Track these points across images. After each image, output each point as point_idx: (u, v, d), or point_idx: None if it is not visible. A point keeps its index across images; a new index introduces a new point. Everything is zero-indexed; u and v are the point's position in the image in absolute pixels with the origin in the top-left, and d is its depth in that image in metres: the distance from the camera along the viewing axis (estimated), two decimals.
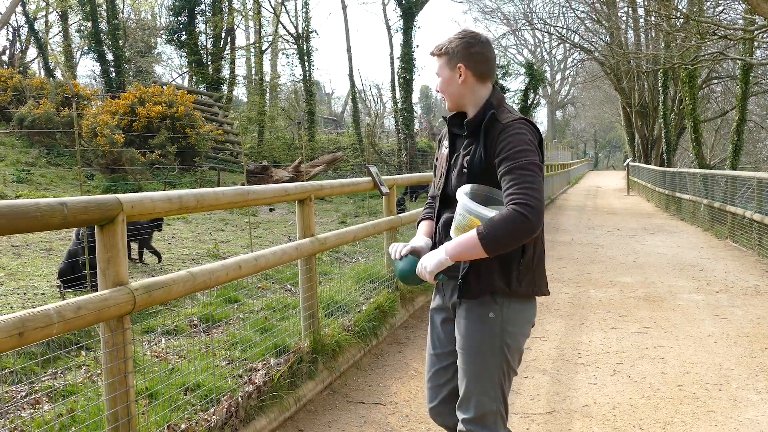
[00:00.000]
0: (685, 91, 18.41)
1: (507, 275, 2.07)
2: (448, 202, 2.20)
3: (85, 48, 25.88)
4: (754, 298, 6.36)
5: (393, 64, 25.70)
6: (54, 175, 13.06)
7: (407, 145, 24.19)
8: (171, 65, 38.90)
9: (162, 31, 29.69)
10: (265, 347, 3.76)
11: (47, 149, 14.63)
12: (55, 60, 27.03)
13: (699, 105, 20.71)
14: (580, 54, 30.89)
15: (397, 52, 24.48)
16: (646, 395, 3.79)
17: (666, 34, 16.65)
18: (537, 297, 2.19)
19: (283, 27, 28.49)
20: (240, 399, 3.14)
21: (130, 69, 25.51)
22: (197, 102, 18.30)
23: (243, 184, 12.76)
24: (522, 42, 49.84)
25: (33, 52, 28.13)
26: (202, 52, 24.97)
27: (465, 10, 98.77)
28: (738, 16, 16.89)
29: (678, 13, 14.49)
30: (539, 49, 53.16)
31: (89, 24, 22.25)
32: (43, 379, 3.38)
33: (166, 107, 14.87)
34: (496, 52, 2.22)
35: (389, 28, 27.24)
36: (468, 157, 2.12)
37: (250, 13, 29.04)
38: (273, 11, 28.35)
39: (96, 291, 2.31)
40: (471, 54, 2.11)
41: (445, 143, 2.27)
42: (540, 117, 61.91)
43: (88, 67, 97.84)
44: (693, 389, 3.87)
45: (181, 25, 24.63)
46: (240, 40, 43.70)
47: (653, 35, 23.29)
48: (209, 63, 24.93)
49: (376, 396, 3.88)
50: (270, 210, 12.72)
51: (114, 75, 22.43)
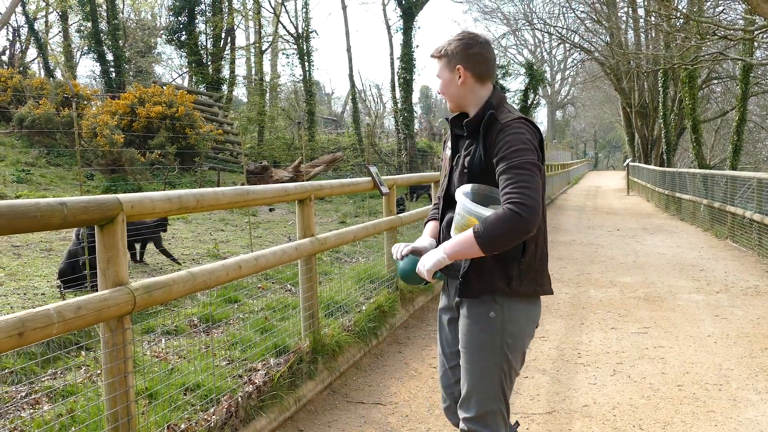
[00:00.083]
0: (685, 92, 18.42)
1: (507, 274, 2.07)
2: (451, 202, 2.21)
3: (85, 48, 25.89)
4: (754, 298, 6.36)
5: (393, 64, 25.71)
6: (54, 176, 13.07)
7: (407, 145, 24.19)
8: (171, 65, 38.96)
9: (162, 31, 29.70)
10: (265, 347, 3.77)
11: (47, 149, 14.63)
12: (55, 60, 27.03)
13: (699, 105, 20.72)
14: (580, 54, 30.91)
15: (397, 52, 24.50)
16: (646, 395, 3.79)
17: (666, 34, 16.66)
18: (541, 297, 2.19)
19: (283, 27, 28.51)
20: (240, 399, 3.14)
21: (130, 69, 25.52)
22: (197, 102, 18.30)
23: (243, 184, 12.77)
24: (522, 42, 49.89)
25: (33, 52, 28.20)
26: (202, 52, 24.98)
27: (465, 10, 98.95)
28: (738, 16, 16.91)
29: (678, 14, 14.50)
30: (539, 49, 53.22)
31: (89, 24, 22.26)
32: (43, 380, 3.38)
33: (165, 107, 14.87)
34: (496, 52, 2.23)
35: (389, 28, 27.26)
36: (468, 158, 2.13)
37: (250, 13, 29.06)
38: (273, 11, 28.37)
39: (96, 291, 2.31)
40: (469, 55, 2.13)
41: (449, 144, 2.29)
42: (540, 117, 61.91)
43: (88, 68, 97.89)
44: (693, 389, 3.87)
45: (181, 25, 24.64)
46: (240, 40, 43.78)
47: (653, 35, 23.29)
48: (209, 63, 24.94)
49: (376, 396, 3.88)
50: (270, 210, 12.73)
51: (114, 75, 22.43)
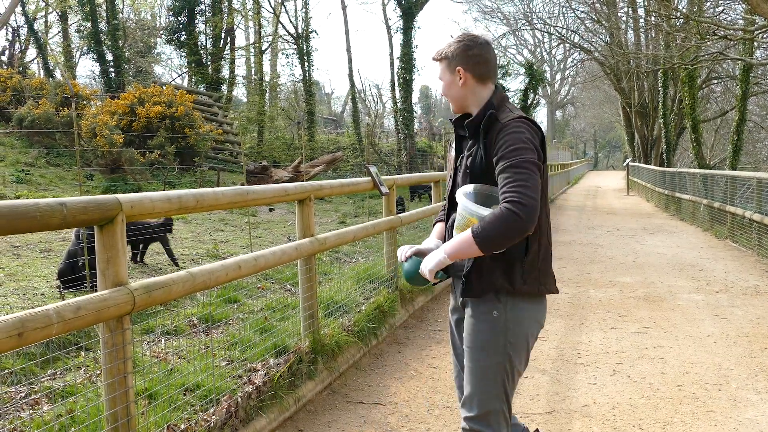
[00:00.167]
0: (685, 91, 18.42)
1: (510, 274, 2.07)
2: (456, 203, 2.22)
3: (85, 48, 25.89)
4: (753, 298, 6.36)
5: (393, 64, 25.73)
6: (53, 176, 13.06)
7: (407, 145, 24.20)
8: (170, 65, 38.95)
9: (162, 32, 29.69)
10: (265, 347, 3.76)
11: (47, 149, 14.63)
12: (55, 60, 27.02)
13: (699, 105, 20.71)
14: (579, 54, 30.91)
15: (397, 52, 24.52)
16: (645, 395, 3.79)
17: (666, 34, 16.66)
18: (546, 296, 2.19)
19: (283, 27, 28.52)
20: (239, 399, 3.14)
21: (129, 69, 25.52)
22: (197, 102, 18.31)
23: (242, 184, 12.77)
24: (522, 42, 49.90)
25: (32, 52, 28.17)
26: (201, 52, 24.98)
27: (465, 10, 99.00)
28: (738, 16, 16.91)
29: (678, 14, 14.50)
30: (539, 49, 53.22)
31: (89, 24, 22.26)
32: (43, 380, 3.38)
33: (165, 107, 14.87)
34: (495, 52, 2.24)
35: (389, 28, 27.27)
36: (470, 158, 2.15)
37: (249, 13, 29.08)
38: (273, 11, 28.38)
39: (95, 291, 2.31)
40: (469, 56, 2.14)
41: (454, 145, 2.30)
42: (540, 117, 61.87)
43: (87, 68, 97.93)
44: (692, 389, 3.87)
45: (181, 25, 24.64)
46: (240, 40, 43.76)
47: (653, 35, 23.30)
48: (209, 63, 24.94)
49: (375, 396, 3.88)
50: (269, 210, 12.73)
51: (113, 75, 22.44)
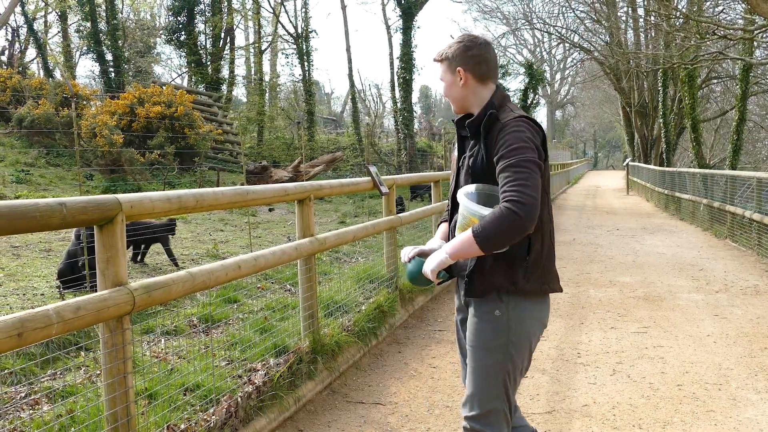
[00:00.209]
0: (685, 91, 18.42)
1: (513, 273, 2.08)
2: (459, 203, 2.22)
3: (84, 48, 25.89)
4: (753, 297, 6.36)
5: (392, 63, 25.72)
6: (53, 176, 13.06)
7: (407, 145, 24.20)
8: (170, 65, 38.94)
9: (161, 31, 29.70)
10: (265, 347, 3.76)
11: (46, 149, 14.63)
12: (55, 60, 27.02)
13: (698, 105, 20.71)
14: (579, 54, 30.93)
15: (397, 51, 24.52)
16: (645, 395, 3.79)
17: (665, 33, 16.66)
18: (550, 295, 2.19)
19: (283, 27, 28.52)
20: (239, 399, 3.14)
21: (129, 69, 25.52)
22: (196, 102, 18.30)
23: (242, 184, 12.76)
24: (521, 42, 49.89)
25: (32, 52, 28.16)
26: (201, 52, 24.98)
27: (464, 9, 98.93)
28: (737, 15, 16.90)
29: (677, 13, 14.50)
30: (539, 49, 53.21)
31: (88, 24, 22.26)
32: (43, 380, 3.38)
33: (165, 107, 14.87)
34: (496, 52, 2.24)
35: (389, 27, 27.27)
36: (472, 159, 2.15)
37: (249, 13, 29.08)
38: (272, 11, 28.38)
39: (95, 291, 2.31)
40: (469, 57, 2.15)
41: (457, 146, 2.32)
42: (539, 117, 61.89)
43: (87, 68, 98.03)
44: (692, 389, 3.87)
45: (181, 25, 24.64)
46: (239, 40, 43.77)
47: (653, 35, 23.30)
48: (208, 63, 24.94)
49: (375, 396, 3.88)
50: (269, 210, 12.72)
51: (113, 75, 22.44)
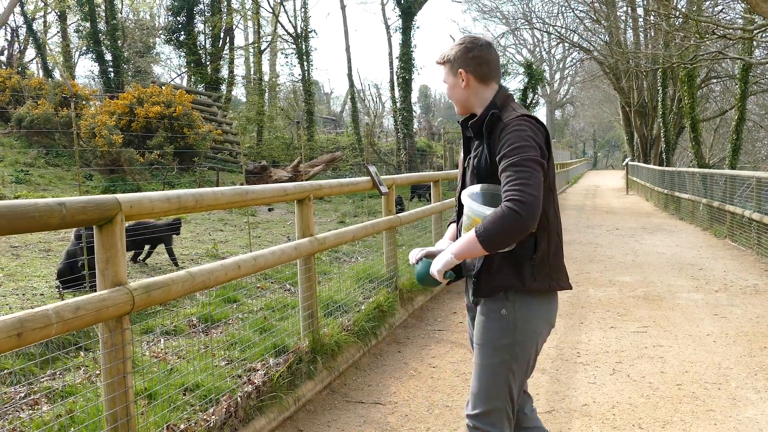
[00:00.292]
0: (684, 91, 18.42)
1: (520, 272, 2.08)
2: None
3: (84, 48, 25.87)
4: (753, 297, 6.37)
5: (392, 63, 25.72)
6: (53, 176, 13.06)
7: (406, 145, 24.19)
8: (170, 65, 38.95)
9: (160, 31, 29.68)
10: (264, 347, 3.76)
11: (46, 150, 14.62)
12: (54, 60, 27.01)
13: (698, 104, 20.71)
14: (579, 53, 30.93)
15: (396, 51, 24.50)
16: (645, 394, 3.79)
17: (665, 33, 16.66)
18: (558, 293, 2.19)
19: (282, 27, 28.52)
20: (239, 399, 3.14)
21: (128, 69, 25.51)
22: (196, 102, 18.29)
23: (242, 184, 12.74)
24: (521, 42, 49.90)
25: (31, 52, 28.13)
26: (200, 52, 24.97)
27: (464, 9, 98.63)
28: (737, 15, 16.91)
29: (677, 13, 14.49)
30: (538, 49, 53.21)
31: (88, 24, 22.24)
32: (42, 380, 3.38)
33: (164, 107, 14.86)
34: (497, 52, 2.24)
35: (388, 27, 27.28)
36: (476, 159, 2.16)
37: (248, 13, 29.07)
38: (272, 11, 28.38)
39: (95, 291, 2.31)
40: (470, 58, 2.16)
41: (463, 147, 2.33)
42: (539, 116, 61.68)
43: (86, 68, 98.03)
44: (692, 388, 3.87)
45: (180, 25, 24.62)
46: (239, 39, 43.75)
47: (652, 34, 23.31)
48: (208, 63, 24.93)
49: (375, 396, 3.88)
50: (269, 210, 12.72)
51: (112, 75, 22.42)
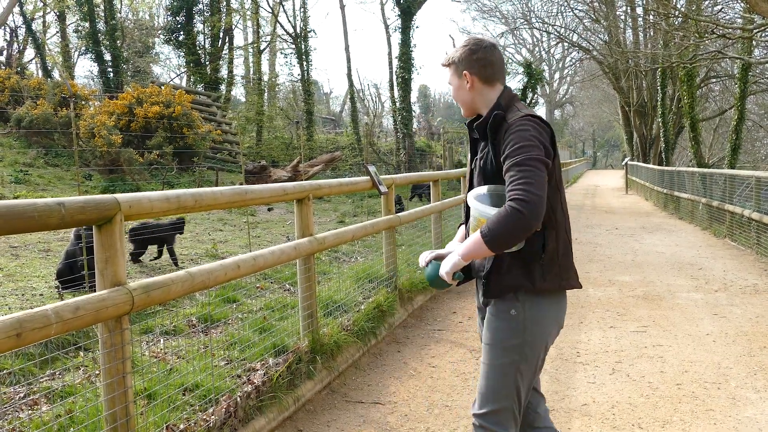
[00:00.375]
0: (684, 90, 18.42)
1: (530, 272, 2.08)
2: None
3: (83, 48, 25.85)
4: (752, 296, 6.37)
5: (391, 63, 25.71)
6: (52, 176, 13.05)
7: (406, 145, 24.19)
8: (169, 65, 38.89)
9: (160, 31, 29.66)
10: (264, 347, 3.76)
11: (45, 150, 14.61)
12: (53, 60, 27.00)
13: (697, 104, 20.72)
14: (578, 53, 30.94)
15: (396, 51, 24.49)
16: (645, 394, 3.79)
17: (664, 33, 16.67)
18: (567, 292, 2.20)
19: (281, 27, 28.52)
20: (239, 399, 3.14)
21: (127, 69, 25.50)
22: (195, 102, 18.29)
23: (241, 183, 12.73)
24: (520, 41, 49.95)
25: (30, 52, 28.10)
26: (200, 52, 24.96)
27: (463, 9, 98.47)
28: (736, 14, 16.91)
29: (676, 12, 14.49)
30: (537, 48, 53.23)
31: (87, 24, 22.24)
32: (42, 380, 3.37)
33: (163, 107, 14.85)
34: (501, 53, 2.24)
35: (387, 27, 27.28)
36: (482, 160, 2.17)
37: (248, 13, 29.05)
38: (271, 11, 28.37)
39: (94, 291, 2.30)
40: (474, 60, 2.16)
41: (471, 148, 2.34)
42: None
43: (85, 68, 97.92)
44: (692, 388, 3.87)
45: (179, 25, 24.62)
46: (238, 39, 43.77)
47: (652, 34, 23.31)
48: (207, 63, 24.93)
49: (374, 395, 3.87)
50: (268, 210, 12.72)
51: (112, 75, 22.42)
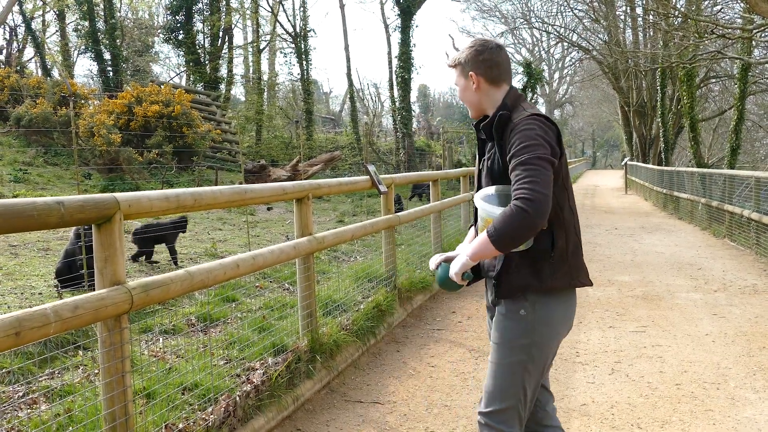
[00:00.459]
0: (683, 90, 18.42)
1: (539, 271, 2.09)
2: None
3: (83, 47, 25.82)
4: (751, 296, 6.37)
5: (391, 63, 25.71)
6: (51, 175, 13.04)
7: (405, 144, 24.19)
8: (168, 64, 38.89)
9: (159, 30, 29.65)
10: (263, 346, 3.76)
11: (44, 149, 14.60)
12: (53, 59, 26.97)
13: (697, 104, 20.71)
14: (578, 53, 30.94)
15: (395, 50, 24.49)
16: (644, 394, 3.79)
17: (664, 32, 16.67)
18: (576, 293, 2.21)
19: (281, 26, 28.53)
20: (238, 398, 3.14)
21: (127, 68, 25.48)
22: (195, 101, 18.28)
23: (241, 183, 12.75)
24: (520, 41, 49.94)
25: (30, 51, 28.10)
26: (199, 51, 24.95)
27: (463, 9, 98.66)
28: (736, 14, 16.92)
29: (676, 12, 14.48)
30: (537, 48, 53.22)
31: (86, 23, 22.23)
32: (41, 379, 3.37)
33: (163, 106, 14.84)
34: (507, 54, 2.24)
35: (387, 26, 27.28)
36: (489, 161, 2.18)
37: (247, 12, 29.04)
38: (271, 10, 28.36)
39: (93, 290, 2.30)
40: (480, 61, 2.17)
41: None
42: None
43: (85, 67, 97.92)
44: (691, 388, 3.87)
45: (179, 24, 24.61)
46: (238, 38, 43.75)
47: (651, 34, 23.32)
48: (207, 62, 24.91)
49: (374, 395, 3.87)
50: (268, 209, 12.71)
51: (111, 74, 22.40)
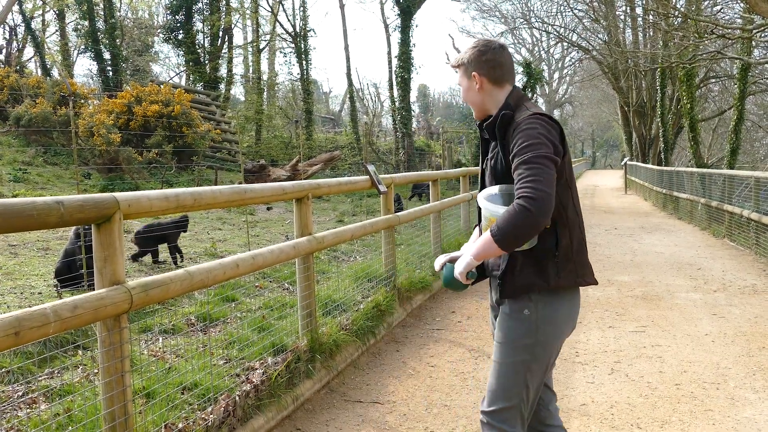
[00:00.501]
0: (683, 90, 18.42)
1: (543, 270, 2.09)
2: None
3: (82, 47, 25.82)
4: (751, 296, 6.37)
5: (391, 62, 25.71)
6: (51, 175, 13.03)
7: (405, 144, 24.19)
8: (168, 64, 38.88)
9: (159, 30, 29.64)
10: (263, 346, 3.76)
11: (44, 148, 14.60)
12: (52, 59, 26.97)
13: (697, 104, 20.71)
14: (578, 53, 30.95)
15: (395, 50, 24.49)
16: (643, 394, 3.79)
17: (664, 32, 16.68)
18: (579, 293, 2.21)
19: (281, 25, 28.53)
20: (237, 398, 3.14)
21: (127, 68, 25.47)
22: (194, 101, 18.29)
23: (240, 182, 12.75)
24: (520, 41, 49.88)
25: (30, 51, 28.09)
26: (199, 50, 24.95)
27: (462, 8, 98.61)
28: (736, 15, 16.92)
29: (676, 12, 14.49)
30: (537, 48, 53.20)
31: (86, 23, 22.22)
32: (40, 379, 3.37)
33: (162, 106, 14.84)
34: (510, 54, 2.24)
35: (387, 26, 27.29)
36: (493, 160, 2.18)
37: (247, 12, 29.03)
38: (270, 10, 28.35)
39: (93, 290, 2.30)
40: (483, 61, 2.17)
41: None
42: None
43: (85, 66, 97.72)
44: (691, 388, 3.87)
45: (179, 24, 24.60)
46: (238, 38, 43.75)
47: (651, 34, 23.33)
48: (207, 62, 24.91)
49: (373, 395, 3.87)
50: (267, 209, 12.71)
51: (111, 74, 22.39)
